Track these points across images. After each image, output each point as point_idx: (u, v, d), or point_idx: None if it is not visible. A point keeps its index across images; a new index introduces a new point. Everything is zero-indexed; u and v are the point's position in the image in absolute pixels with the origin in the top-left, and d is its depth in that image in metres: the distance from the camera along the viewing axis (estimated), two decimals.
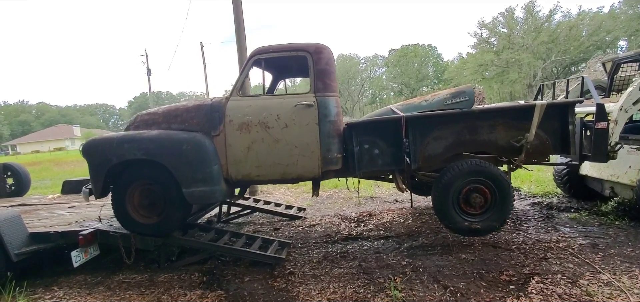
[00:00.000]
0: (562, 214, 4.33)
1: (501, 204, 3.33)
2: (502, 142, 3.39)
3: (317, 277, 3.14)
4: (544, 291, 2.60)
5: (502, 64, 31.98)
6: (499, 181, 3.31)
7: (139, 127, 3.56)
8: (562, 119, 3.37)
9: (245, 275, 3.33)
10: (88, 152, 3.40)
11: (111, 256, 3.91)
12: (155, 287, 3.26)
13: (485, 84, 30.41)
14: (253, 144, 3.35)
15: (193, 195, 3.26)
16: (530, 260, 3.13)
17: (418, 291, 2.78)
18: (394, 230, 4.27)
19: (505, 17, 33.11)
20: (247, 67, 3.50)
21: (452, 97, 3.64)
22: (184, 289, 3.17)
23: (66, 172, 15.86)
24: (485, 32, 34.69)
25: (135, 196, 3.46)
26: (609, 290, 2.55)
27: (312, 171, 3.40)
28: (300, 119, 3.33)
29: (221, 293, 3.02)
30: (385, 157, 3.44)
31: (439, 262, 3.24)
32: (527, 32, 31.71)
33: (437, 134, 3.41)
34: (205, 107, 3.43)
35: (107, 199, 5.04)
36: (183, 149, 3.23)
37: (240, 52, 6.57)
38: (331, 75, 3.43)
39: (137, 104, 67.94)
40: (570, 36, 29.72)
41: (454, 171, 3.32)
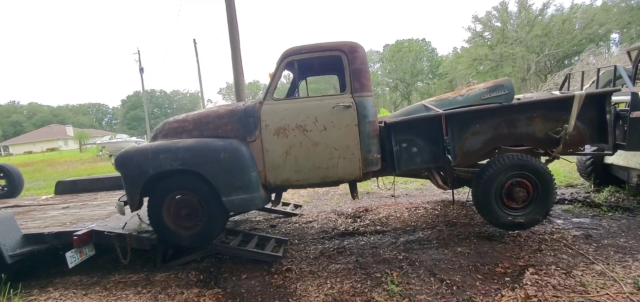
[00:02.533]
0: (556, 206, 4.38)
1: (544, 197, 3.32)
2: (540, 134, 3.37)
3: (314, 273, 3.15)
4: (539, 282, 2.63)
5: (496, 58, 32.12)
6: (542, 174, 3.30)
7: (168, 136, 3.47)
8: (599, 109, 3.35)
9: (243, 272, 3.33)
10: (122, 164, 3.32)
11: (107, 256, 3.89)
12: (152, 286, 3.25)
13: (479, 78, 30.51)
14: (291, 148, 3.29)
15: (233, 203, 3.22)
16: (525, 252, 3.17)
17: (415, 284, 2.80)
18: (391, 225, 4.29)
19: (498, 11, 33.21)
20: (280, 69, 3.41)
21: (489, 91, 3.61)
22: (181, 287, 3.16)
23: (59, 172, 15.71)
24: (479, 26, 34.80)
25: (172, 207, 3.39)
26: (603, 280, 2.58)
27: (353, 173, 3.35)
28: (339, 120, 3.27)
29: (218, 291, 3.01)
30: (423, 154, 3.41)
31: (435, 256, 3.27)
32: (520, 26, 31.84)
33: (475, 129, 3.37)
34: (239, 113, 3.36)
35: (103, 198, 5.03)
36: (221, 157, 3.17)
37: (233, 49, 6.53)
38: (366, 75, 3.37)
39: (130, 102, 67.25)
40: (564, 29, 29.91)
41: (497, 165, 3.30)
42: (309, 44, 3.40)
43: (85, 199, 5.15)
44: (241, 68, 6.47)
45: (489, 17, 34.10)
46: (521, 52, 29.88)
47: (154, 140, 3.58)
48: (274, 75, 3.41)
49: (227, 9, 6.56)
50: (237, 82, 6.61)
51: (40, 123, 67.46)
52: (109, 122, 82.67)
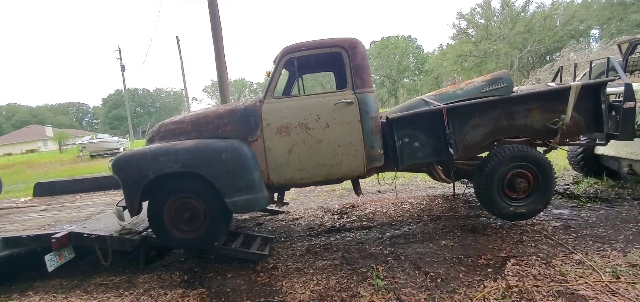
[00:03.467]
0: None
1: (544, 187, 3.41)
2: (538, 125, 3.44)
3: (300, 270, 3.13)
4: (520, 273, 2.69)
5: (480, 55, 32.67)
6: (541, 164, 3.38)
7: (165, 138, 3.38)
8: (594, 99, 3.44)
9: (228, 271, 3.29)
10: (120, 168, 3.22)
11: (88, 258, 3.79)
12: (135, 288, 3.18)
13: (464, 75, 30.99)
14: (294, 146, 3.26)
15: (237, 204, 3.17)
16: (506, 243, 3.23)
17: (400, 278, 2.82)
18: (377, 220, 4.32)
19: (482, 8, 33.77)
20: (279, 67, 3.35)
21: (488, 84, 3.65)
22: (165, 288, 3.10)
23: (39, 174, 15.24)
24: (464, 23, 35.32)
25: (173, 211, 3.31)
26: (582, 269, 2.65)
27: (358, 169, 3.34)
28: (341, 117, 3.26)
29: (203, 291, 2.97)
30: (425, 149, 3.43)
31: (420, 250, 3.30)
32: (503, 23, 32.45)
33: (475, 122, 3.42)
34: (239, 112, 3.30)
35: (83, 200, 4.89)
36: (222, 157, 3.12)
37: (216, 46, 6.43)
38: (367, 71, 3.36)
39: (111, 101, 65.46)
40: (545, 26, 30.60)
41: (498, 157, 3.36)
42: (308, 41, 3.35)
43: (65, 200, 5.00)
44: (225, 65, 6.37)
45: (473, 14, 34.64)
46: (504, 48, 30.47)
47: (150, 143, 3.48)
48: (274, 73, 3.35)
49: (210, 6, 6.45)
50: (221, 79, 6.52)
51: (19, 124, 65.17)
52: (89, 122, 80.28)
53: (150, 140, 3.51)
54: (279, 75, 3.38)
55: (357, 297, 2.60)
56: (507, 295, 2.42)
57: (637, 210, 3.69)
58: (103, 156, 22.19)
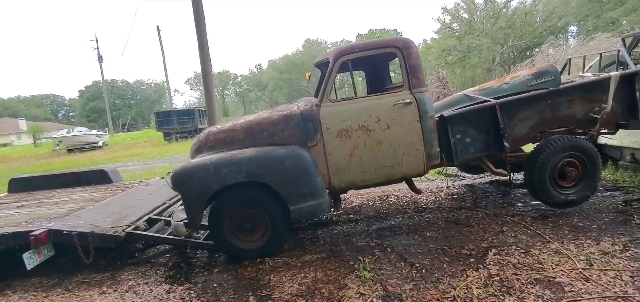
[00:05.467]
0: (517, 190, 4.63)
1: (591, 174, 3.52)
2: (580, 115, 3.59)
3: (287, 264, 3.15)
4: (500, 262, 2.78)
5: (463, 49, 33.18)
6: (589, 153, 3.49)
7: (215, 147, 3.29)
8: (629, 87, 3.61)
9: (215, 266, 3.27)
10: (182, 182, 3.11)
11: (68, 255, 3.70)
12: (118, 285, 3.13)
13: (448, 69, 31.43)
14: (355, 149, 3.26)
15: (302, 211, 3.13)
16: (488, 234, 3.33)
17: (386, 270, 2.87)
18: (363, 213, 4.37)
19: (466, 3, 34.22)
20: (335, 70, 3.34)
21: (535, 77, 3.70)
22: (150, 285, 3.07)
23: (13, 169, 14.65)
24: (448, 17, 35.72)
25: (234, 221, 3.25)
26: (558, 258, 2.77)
27: (418, 168, 3.38)
28: (401, 118, 3.28)
29: (189, 286, 2.95)
30: (476, 144, 3.54)
31: (405, 242, 3.37)
32: (486, 18, 33.01)
33: (523, 115, 3.53)
34: (296, 118, 3.26)
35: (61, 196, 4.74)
36: (286, 165, 3.07)
37: (200, 37, 6.28)
38: (421, 70, 3.41)
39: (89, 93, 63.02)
40: (526, 22, 31.32)
41: (550, 148, 3.46)
42: (361, 42, 3.35)
43: (42, 196, 4.83)
44: (209, 57, 6.25)
45: (457, 8, 35.05)
46: (487, 43, 31.03)
47: (198, 153, 3.38)
48: (328, 76, 3.33)
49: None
50: (204, 72, 6.39)
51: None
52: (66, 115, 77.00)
53: (197, 151, 3.41)
54: (334, 78, 3.38)
55: (344, 289, 2.64)
56: (488, 284, 2.50)
57: (609, 200, 3.87)
58: (81, 149, 21.49)
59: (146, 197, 4.46)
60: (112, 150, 20.80)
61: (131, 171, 10.32)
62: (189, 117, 23.40)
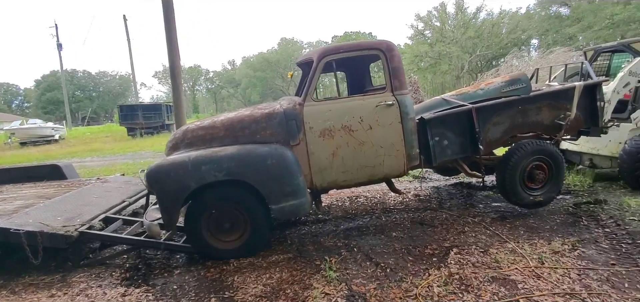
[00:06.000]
0: (479, 192, 4.83)
1: (557, 176, 3.73)
2: (547, 121, 3.82)
3: (253, 264, 3.09)
4: (461, 261, 2.88)
5: (435, 56, 34.31)
6: (556, 157, 3.70)
7: (193, 145, 3.17)
8: (591, 97, 3.89)
9: (176, 268, 3.15)
10: (158, 180, 2.97)
11: (17, 256, 3.41)
12: (69, 287, 2.93)
13: (420, 74, 32.41)
14: (338, 149, 3.26)
15: (283, 210, 3.08)
16: (451, 234, 3.44)
17: (352, 269, 2.89)
18: (332, 214, 4.38)
19: (438, 12, 35.45)
20: (319, 69, 3.32)
21: (508, 84, 3.87)
22: (104, 287, 2.90)
23: None
24: (421, 24, 36.82)
25: (211, 221, 3.14)
26: (513, 256, 2.91)
27: (399, 169, 3.44)
28: (383, 119, 3.32)
29: (147, 289, 2.82)
30: (453, 146, 3.65)
31: (372, 242, 3.40)
32: (456, 27, 34.35)
33: (496, 120, 3.71)
34: (278, 116, 3.21)
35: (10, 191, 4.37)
36: (268, 163, 3.02)
37: (168, 29, 6.04)
38: (403, 73, 3.47)
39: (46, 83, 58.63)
40: (493, 33, 32.92)
41: (521, 152, 3.63)
42: (345, 43, 3.37)
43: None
44: (177, 50, 6.02)
45: (430, 16, 36.24)
46: (457, 51, 32.28)
47: (174, 150, 3.23)
48: (313, 75, 3.31)
49: None
50: (172, 65, 6.15)
51: None
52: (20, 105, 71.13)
53: (174, 148, 3.26)
54: (318, 78, 3.37)
55: (309, 289, 2.62)
56: (448, 282, 2.58)
57: (560, 203, 4.12)
58: (35, 143, 20.04)
59: (103, 195, 4.22)
60: (69, 144, 19.55)
61: (89, 167, 9.75)
62: (156, 112, 22.40)
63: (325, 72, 3.56)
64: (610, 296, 2.29)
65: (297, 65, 4.23)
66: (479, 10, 34.26)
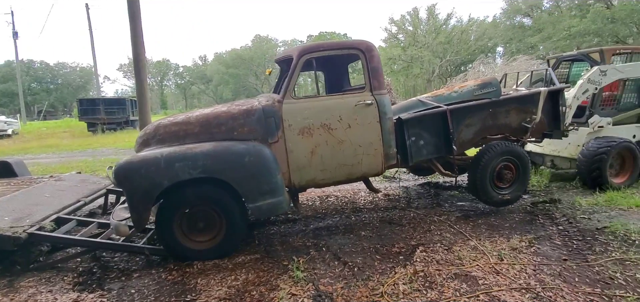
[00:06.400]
0: (445, 192, 4.99)
1: (523, 176, 3.92)
2: (515, 124, 4.04)
3: (218, 266, 2.99)
4: (426, 259, 2.94)
5: (407, 59, 35.20)
6: (522, 158, 3.89)
7: (165, 141, 3.04)
8: (554, 102, 4.15)
9: (135, 271, 2.98)
10: (127, 177, 2.80)
11: None
12: (17, 293, 2.71)
13: (393, 77, 33.07)
14: (317, 147, 3.24)
15: (260, 209, 3.02)
16: (417, 233, 3.52)
17: (320, 269, 2.87)
18: (302, 213, 4.34)
19: (411, 16, 36.40)
20: (298, 67, 3.30)
21: (480, 88, 4.00)
22: (54, 293, 2.69)
23: None
24: (395, 28, 37.64)
25: (184, 221, 3.02)
26: (475, 253, 3.01)
27: (376, 168, 3.46)
28: (362, 118, 3.34)
29: (102, 293, 2.65)
30: (428, 147, 3.75)
31: (341, 241, 3.41)
32: (428, 32, 35.44)
33: (468, 122, 3.86)
34: (257, 113, 3.14)
35: None
36: (246, 161, 2.95)
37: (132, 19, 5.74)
38: (382, 73, 3.51)
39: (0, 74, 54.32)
40: (462, 39, 34.29)
41: (491, 152, 3.78)
42: (325, 42, 3.35)
43: None
44: (142, 43, 5.73)
45: (403, 20, 37.12)
46: (428, 56, 33.31)
47: (145, 146, 3.04)
48: (293, 73, 3.29)
49: None
50: (137, 58, 5.83)
51: None
52: None
53: (144, 144, 3.07)
54: (298, 75, 3.36)
55: (276, 290, 2.57)
56: (413, 279, 2.63)
57: (519, 203, 4.32)
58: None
59: (56, 194, 3.94)
60: (23, 139, 18.16)
61: (43, 164, 9.11)
62: (119, 107, 21.21)
63: (305, 70, 3.55)
64: (562, 290, 2.42)
65: (275, 63, 4.20)
66: (450, 16, 35.61)
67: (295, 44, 55.81)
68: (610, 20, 24.22)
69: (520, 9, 33.11)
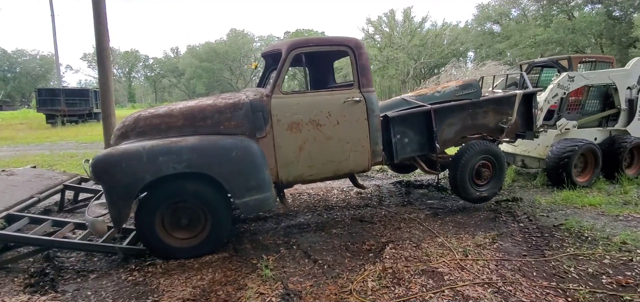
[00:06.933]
0: (416, 190, 5.09)
1: (499, 174, 4.11)
2: (492, 124, 4.21)
3: (183, 265, 2.87)
4: (395, 256, 2.98)
5: (383, 60, 35.77)
6: (499, 156, 4.07)
7: (146, 134, 2.89)
8: (528, 104, 4.37)
9: (92, 272, 2.81)
10: (107, 172, 2.65)
11: None
12: None
13: None
14: (305, 143, 3.22)
15: (247, 205, 2.96)
16: (388, 230, 3.56)
17: (289, 267, 2.84)
18: (273, 211, 4.28)
19: (388, 18, 37.00)
20: (287, 62, 3.26)
21: (461, 88, 4.13)
22: (3, 295, 2.49)
23: None
24: (372, 29, 38.12)
25: (167, 218, 2.92)
26: (442, 250, 3.09)
27: (363, 164, 3.47)
28: (350, 115, 3.35)
29: (55, 295, 2.48)
30: (412, 144, 3.83)
31: (312, 239, 3.39)
32: (404, 34, 36.18)
33: (450, 121, 3.98)
34: (244, 107, 3.06)
35: None
36: (233, 156, 2.87)
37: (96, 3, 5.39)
38: (370, 71, 3.53)
39: None
40: (435, 43, 35.30)
41: (471, 151, 3.92)
42: (315, 37, 3.35)
43: None
44: (106, 28, 5.41)
45: (380, 21, 37.66)
46: (403, 57, 34.00)
47: (123, 139, 2.87)
48: (282, 67, 3.23)
49: None
50: (100, 46, 5.49)
51: None
52: None
53: (123, 136, 2.89)
54: (286, 70, 3.31)
55: (243, 290, 2.51)
56: (382, 276, 2.65)
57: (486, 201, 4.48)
58: None
59: (7, 190, 3.66)
60: None
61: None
62: (82, 98, 20.01)
63: (294, 65, 3.53)
64: (521, 284, 2.53)
65: (262, 56, 4.18)
66: (425, 20, 36.54)
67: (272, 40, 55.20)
68: (571, 31, 25.82)
69: (491, 16, 34.55)
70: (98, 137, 11.99)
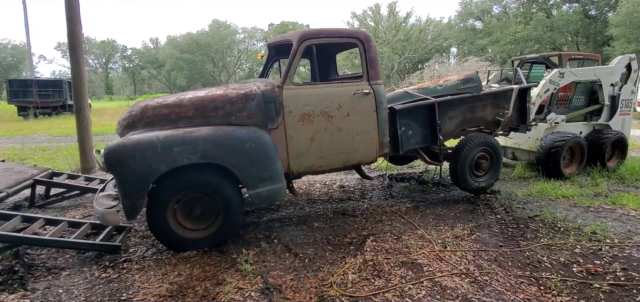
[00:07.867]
0: (399, 184, 5.15)
1: (496, 165, 4.27)
2: (490, 117, 4.36)
3: (160, 261, 2.81)
4: (376, 248, 3.00)
5: None
6: (496, 148, 4.22)
7: (155, 124, 2.82)
8: (522, 99, 4.52)
9: (64, 269, 2.71)
10: (120, 163, 2.57)
11: None
12: None
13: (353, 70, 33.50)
14: (316, 134, 3.25)
15: (260, 196, 2.96)
16: (369, 223, 3.58)
17: (270, 261, 2.81)
18: (255, 205, 4.23)
19: (373, 12, 37.08)
20: (299, 53, 3.25)
21: (463, 82, 4.24)
22: None
23: None
24: (357, 23, 38.11)
25: (179, 208, 2.89)
26: (422, 242, 3.13)
27: (371, 156, 3.54)
28: (360, 107, 3.39)
29: (24, 294, 2.37)
30: (416, 136, 3.93)
31: (293, 233, 3.37)
32: (388, 29, 36.39)
33: (451, 114, 4.10)
34: (257, 97, 3.04)
35: None
36: (247, 147, 2.86)
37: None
38: (378, 63, 3.56)
39: None
40: (420, 38, 35.68)
41: (472, 143, 4.06)
42: (326, 28, 3.40)
43: None
44: (78, 15, 5.17)
45: (365, 15, 37.72)
46: (387, 52, 34.24)
47: (130, 129, 2.77)
48: (292, 59, 3.22)
49: None
50: (72, 34, 5.23)
51: None
52: None
53: (130, 127, 2.79)
54: (298, 61, 3.29)
55: (222, 285, 2.47)
56: (363, 268, 2.66)
57: (464, 194, 4.58)
58: None
59: None
60: None
61: None
62: (56, 90, 19.17)
63: (305, 57, 3.53)
64: (497, 273, 2.59)
65: (267, 47, 4.19)
66: (409, 15, 36.82)
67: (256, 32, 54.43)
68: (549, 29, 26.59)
69: (473, 13, 35.15)
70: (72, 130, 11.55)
